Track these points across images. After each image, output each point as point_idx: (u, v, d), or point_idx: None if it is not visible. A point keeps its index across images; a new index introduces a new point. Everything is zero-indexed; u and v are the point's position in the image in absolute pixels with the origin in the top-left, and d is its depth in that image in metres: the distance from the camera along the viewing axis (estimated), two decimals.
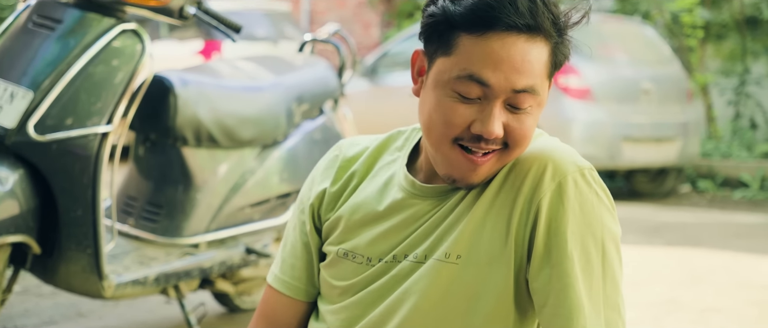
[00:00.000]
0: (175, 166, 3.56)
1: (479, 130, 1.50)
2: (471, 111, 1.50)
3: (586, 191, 1.52)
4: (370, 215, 1.64)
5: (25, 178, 2.99)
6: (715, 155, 9.83)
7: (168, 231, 3.54)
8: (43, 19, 3.09)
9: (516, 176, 1.54)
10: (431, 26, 1.53)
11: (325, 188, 1.71)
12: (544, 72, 1.52)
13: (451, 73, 1.50)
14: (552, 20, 1.50)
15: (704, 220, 7.59)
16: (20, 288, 4.36)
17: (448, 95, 1.51)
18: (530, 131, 1.53)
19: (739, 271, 5.59)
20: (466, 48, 1.49)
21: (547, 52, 1.51)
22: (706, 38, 10.81)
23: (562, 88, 8.39)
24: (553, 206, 1.50)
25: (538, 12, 1.48)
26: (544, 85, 1.53)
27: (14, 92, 2.99)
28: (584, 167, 1.54)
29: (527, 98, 1.50)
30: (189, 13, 3.23)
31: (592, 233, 1.51)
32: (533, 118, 1.53)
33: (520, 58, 1.48)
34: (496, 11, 1.47)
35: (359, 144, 1.74)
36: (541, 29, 1.49)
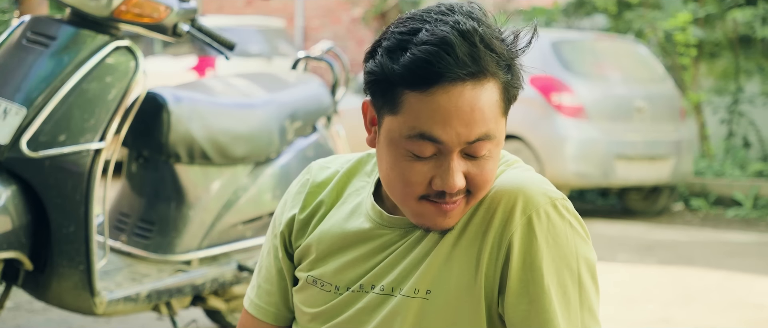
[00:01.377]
0: (168, 182, 3.56)
1: (440, 186, 1.46)
2: (428, 167, 1.46)
3: (559, 223, 1.48)
4: (337, 243, 1.61)
5: (17, 194, 2.99)
6: (708, 174, 9.84)
7: (160, 248, 3.54)
8: (37, 36, 3.10)
9: (486, 211, 1.50)
10: (373, 83, 1.47)
11: (294, 214, 1.67)
12: (498, 113, 1.46)
13: (401, 132, 1.45)
14: (496, 59, 1.44)
15: (697, 238, 7.59)
16: (12, 304, 4.35)
17: (402, 155, 1.46)
18: (492, 174, 1.49)
19: (732, 290, 5.60)
20: (412, 106, 1.43)
21: (498, 91, 1.46)
22: (699, 57, 10.84)
23: (556, 106, 8.41)
24: (526, 241, 1.47)
25: (479, 56, 1.42)
26: (499, 126, 1.47)
27: (7, 108, 2.99)
28: (556, 197, 1.50)
29: (484, 145, 1.45)
30: (183, 30, 3.24)
31: (567, 264, 1.48)
32: (493, 161, 1.48)
33: (469, 109, 1.42)
34: (436, 66, 1.40)
35: (330, 167, 1.69)
36: (486, 72, 1.43)
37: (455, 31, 1.42)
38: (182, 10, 3.23)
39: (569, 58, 8.81)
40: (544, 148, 8.38)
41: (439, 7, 1.47)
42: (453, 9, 1.46)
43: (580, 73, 8.76)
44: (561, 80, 8.50)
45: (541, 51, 8.74)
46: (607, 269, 6.14)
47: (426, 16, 1.45)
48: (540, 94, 8.46)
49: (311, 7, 15.80)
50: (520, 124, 8.51)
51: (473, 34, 1.42)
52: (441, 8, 1.47)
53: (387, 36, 1.47)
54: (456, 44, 1.41)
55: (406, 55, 1.42)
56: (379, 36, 1.49)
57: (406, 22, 1.47)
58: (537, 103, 8.45)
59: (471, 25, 1.43)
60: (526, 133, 8.45)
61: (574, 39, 9.44)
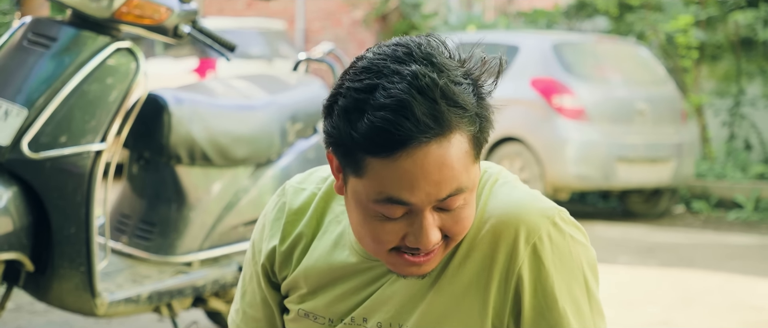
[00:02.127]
0: (169, 184, 3.56)
1: (414, 244, 1.39)
2: (400, 226, 1.39)
3: (561, 241, 1.46)
4: (325, 277, 1.56)
5: (18, 195, 2.99)
6: (709, 176, 9.84)
7: (161, 249, 3.54)
8: (38, 37, 3.10)
9: (486, 246, 1.46)
10: (334, 145, 1.39)
11: (274, 246, 1.60)
12: (468, 162, 1.38)
13: (368, 196, 1.37)
14: (460, 113, 1.35)
15: (698, 241, 7.59)
16: (13, 305, 4.35)
17: (371, 216, 1.39)
18: (469, 221, 1.43)
19: (733, 292, 5.59)
20: (377, 172, 1.35)
21: (467, 141, 1.37)
22: (700, 59, 10.83)
23: (557, 108, 8.41)
24: (535, 270, 1.44)
25: (441, 113, 1.33)
26: (472, 174, 1.40)
27: (8, 110, 2.99)
28: (553, 215, 1.46)
29: (456, 199, 1.38)
30: (184, 31, 3.24)
31: (576, 279, 1.47)
32: (469, 207, 1.42)
33: (436, 170, 1.34)
34: (396, 133, 1.31)
35: (306, 189, 1.60)
36: (451, 128, 1.34)
37: (413, 90, 1.32)
38: (183, 12, 3.23)
39: (570, 60, 8.80)
40: (545, 151, 8.38)
41: (396, 52, 1.37)
42: (411, 52, 1.37)
43: (582, 75, 8.76)
44: (562, 82, 8.50)
45: (542, 53, 8.75)
46: (607, 271, 6.14)
47: (382, 68, 1.35)
48: (541, 97, 8.46)
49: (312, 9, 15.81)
50: (521, 127, 8.51)
51: (433, 89, 1.33)
52: (397, 53, 1.37)
53: (343, 91, 1.37)
54: (415, 106, 1.31)
55: (363, 120, 1.32)
56: (335, 88, 1.40)
57: (361, 74, 1.36)
58: (538, 105, 8.45)
59: (430, 79, 1.33)
60: (527, 136, 8.45)
61: (575, 41, 9.44)
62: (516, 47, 8.90)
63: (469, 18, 13.25)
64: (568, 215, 1.50)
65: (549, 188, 8.35)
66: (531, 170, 8.40)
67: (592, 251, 1.52)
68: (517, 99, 8.58)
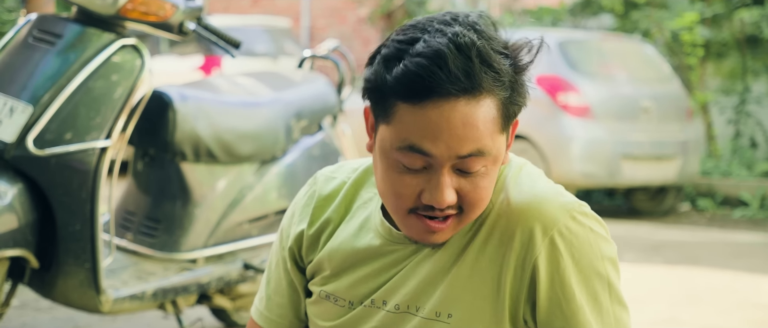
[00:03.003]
0: (174, 181, 3.56)
1: (428, 200, 1.42)
2: (418, 181, 1.42)
3: (581, 234, 1.47)
4: (348, 260, 1.58)
5: (23, 192, 3.00)
6: (714, 174, 9.82)
7: (166, 246, 3.54)
8: (43, 34, 3.10)
9: (503, 233, 1.47)
10: (370, 90, 1.44)
11: (302, 229, 1.63)
12: (495, 129, 1.41)
13: (393, 143, 1.41)
14: (494, 76, 1.39)
15: (704, 239, 7.58)
16: (18, 302, 4.35)
17: (392, 166, 1.43)
18: (486, 192, 1.45)
19: (738, 290, 5.59)
20: (404, 117, 1.39)
21: (496, 107, 1.40)
22: (706, 57, 10.81)
23: (562, 105, 8.40)
24: (552, 263, 1.45)
25: (474, 72, 1.37)
26: (496, 142, 1.42)
27: (14, 106, 2.99)
28: (572, 208, 1.47)
29: (477, 161, 1.41)
30: (189, 28, 3.24)
31: (596, 272, 1.48)
32: (489, 178, 1.44)
33: (460, 125, 1.38)
34: (427, 80, 1.36)
35: (336, 178, 1.65)
36: (481, 89, 1.38)
37: (452, 44, 1.37)
38: (188, 9, 3.23)
39: (576, 57, 8.79)
40: (550, 148, 8.37)
41: (444, 16, 1.44)
42: (458, 18, 1.43)
43: (587, 73, 8.75)
44: (567, 80, 8.49)
45: (547, 51, 8.73)
46: None
47: (428, 26, 1.42)
48: (546, 94, 8.45)
49: (317, 6, 15.81)
50: (526, 124, 8.50)
51: (470, 48, 1.38)
52: (445, 17, 1.43)
53: (387, 43, 1.43)
54: (450, 58, 1.36)
55: (400, 66, 1.38)
56: (383, 41, 1.46)
57: (408, 30, 1.43)
58: (543, 102, 8.44)
59: (469, 39, 1.38)
60: (533, 133, 8.45)
61: (580, 39, 9.42)
62: None
63: None
64: (589, 210, 1.50)
65: None
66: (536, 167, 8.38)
67: (612, 245, 1.52)
68: None
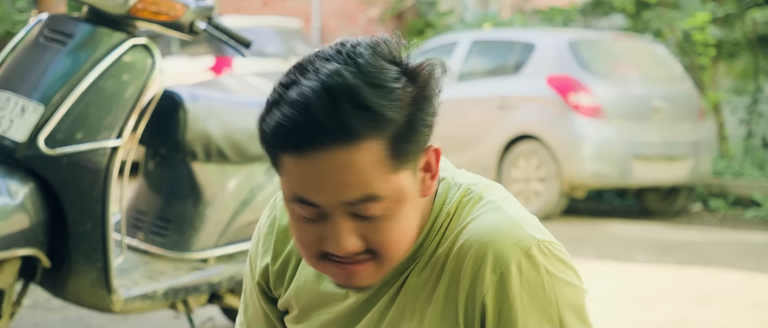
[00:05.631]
0: (185, 181, 3.56)
1: (329, 248, 1.35)
2: (318, 228, 1.35)
3: (533, 275, 1.36)
4: (314, 301, 1.52)
5: (35, 191, 3.00)
6: (726, 174, 9.78)
7: (177, 246, 3.54)
8: (54, 34, 3.11)
9: (456, 267, 1.39)
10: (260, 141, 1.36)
11: (267, 263, 1.56)
12: (384, 171, 1.30)
13: (286, 194, 1.35)
14: (370, 118, 1.28)
15: (715, 239, 7.55)
16: (30, 302, 4.36)
17: (293, 216, 1.37)
18: (397, 234, 1.35)
19: (750, 290, 5.56)
20: (289, 168, 1.32)
21: (379, 149, 1.29)
22: (718, 57, 10.77)
23: (573, 105, 8.38)
24: (499, 301, 1.36)
25: (343, 116, 1.27)
26: (392, 183, 1.31)
27: (25, 106, 3.00)
28: (529, 245, 1.37)
29: (371, 206, 1.31)
30: (199, 28, 3.24)
31: (547, 318, 1.37)
32: (397, 219, 1.34)
33: (341, 173, 1.29)
34: (297, 132, 1.27)
35: None
36: (356, 135, 1.28)
37: (322, 89, 1.27)
38: (199, 8, 3.23)
39: (587, 57, 8.78)
40: (561, 148, 8.35)
41: (331, 49, 1.33)
42: (341, 50, 1.32)
43: (598, 72, 8.73)
44: (578, 80, 8.47)
45: (558, 51, 8.73)
46: (624, 269, 6.12)
47: (308, 63, 1.32)
48: (557, 94, 8.43)
49: (328, 7, 15.81)
50: (537, 124, 8.49)
51: (341, 90, 1.27)
52: (330, 51, 1.33)
53: (275, 84, 1.34)
54: (317, 106, 1.27)
55: (275, 116, 1.30)
56: None
57: (294, 68, 1.33)
58: (554, 102, 8.43)
59: (342, 79, 1.28)
60: (543, 133, 8.43)
61: (591, 39, 9.40)
62: (532, 45, 8.88)
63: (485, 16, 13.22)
64: (556, 249, 1.40)
65: (565, 185, 8.33)
66: (547, 167, 8.38)
67: (578, 290, 1.41)
68: (533, 96, 8.56)
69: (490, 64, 9.36)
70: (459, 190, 1.45)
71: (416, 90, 1.32)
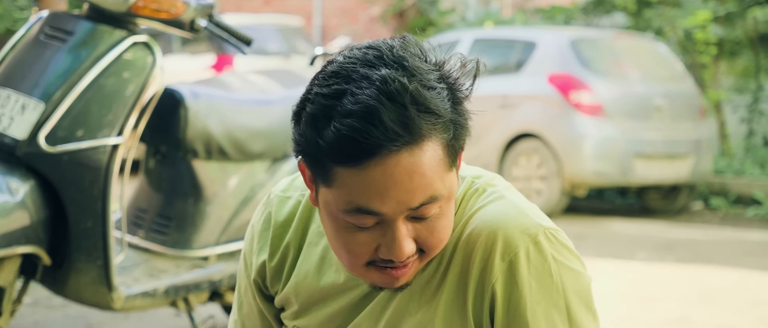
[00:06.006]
0: (186, 178, 3.56)
1: (387, 255, 1.34)
2: (373, 236, 1.34)
3: (540, 262, 1.38)
4: (315, 296, 1.52)
5: (35, 189, 3.00)
6: (727, 173, 9.78)
7: (178, 243, 3.54)
8: (54, 31, 3.11)
9: (464, 257, 1.41)
10: (303, 152, 1.34)
11: (264, 260, 1.55)
12: (443, 170, 1.32)
13: (338, 206, 1.32)
14: (433, 120, 1.29)
15: (716, 237, 7.55)
16: (31, 300, 4.36)
17: (342, 227, 1.34)
18: (446, 232, 1.37)
19: (751, 289, 5.56)
20: (346, 181, 1.30)
21: (440, 149, 1.31)
22: (719, 55, 10.77)
23: (574, 104, 8.38)
24: (508, 289, 1.38)
25: (411, 120, 1.27)
26: (446, 182, 1.33)
27: (25, 104, 3.00)
28: (536, 232, 1.39)
29: (430, 208, 1.32)
30: (200, 25, 3.24)
31: (554, 304, 1.39)
32: (446, 217, 1.36)
33: (407, 178, 1.29)
34: (364, 142, 1.26)
35: (290, 198, 1.55)
36: (422, 136, 1.28)
37: (383, 95, 1.27)
38: (199, 6, 3.23)
39: (588, 56, 8.77)
40: (562, 147, 8.35)
41: (366, 54, 1.32)
42: (382, 55, 1.31)
43: (599, 71, 8.73)
44: (580, 78, 8.47)
45: (559, 49, 8.73)
46: (625, 267, 6.12)
47: (351, 72, 1.30)
48: (558, 93, 8.43)
49: (329, 6, 15.81)
50: (538, 123, 8.49)
51: (403, 94, 1.27)
52: (368, 56, 1.32)
53: (311, 97, 1.32)
54: (383, 113, 1.26)
55: (330, 128, 1.27)
56: (304, 93, 1.35)
57: (330, 79, 1.31)
58: (555, 101, 8.42)
59: (400, 84, 1.28)
60: (545, 132, 8.43)
61: (593, 37, 9.40)
62: (533, 43, 8.88)
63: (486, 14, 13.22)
64: (560, 236, 1.42)
65: (567, 184, 8.33)
66: (548, 166, 8.38)
67: (583, 277, 1.43)
68: (534, 95, 8.56)
69: (491, 62, 9.35)
70: (463, 183, 1.46)
71: (459, 89, 1.35)
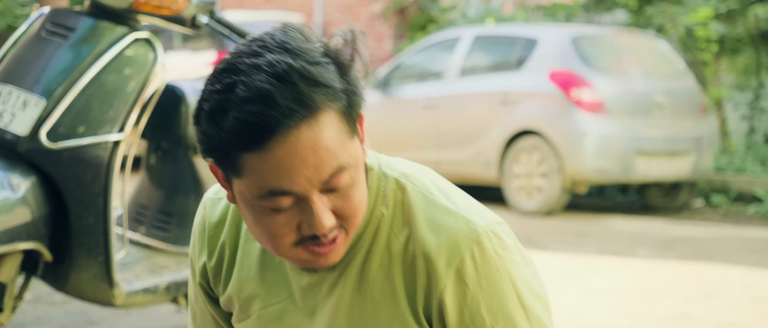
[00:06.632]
0: (187, 175, 3.57)
1: (310, 231, 1.36)
2: (292, 216, 1.36)
3: (485, 261, 1.42)
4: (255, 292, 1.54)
5: (37, 185, 3.00)
6: (728, 170, 9.78)
7: (179, 240, 3.54)
8: (56, 28, 3.11)
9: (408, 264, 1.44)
10: (209, 150, 1.36)
11: (204, 262, 1.58)
12: (344, 138, 1.35)
13: (252, 193, 1.34)
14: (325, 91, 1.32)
15: (717, 234, 7.55)
16: (32, 296, 4.36)
17: (261, 213, 1.36)
18: (360, 199, 1.40)
19: (752, 286, 5.56)
20: (253, 167, 1.32)
21: (337, 118, 1.34)
22: (720, 52, 10.77)
23: (575, 101, 8.38)
24: (459, 294, 1.41)
25: (303, 94, 1.30)
26: (350, 150, 1.36)
27: (27, 100, 3.00)
28: (479, 233, 1.42)
29: (341, 177, 1.35)
30: (201, 22, 3.24)
31: (506, 296, 1.43)
32: (358, 185, 1.38)
33: (311, 152, 1.32)
34: (262, 123, 1.29)
35: (221, 199, 1.57)
36: (317, 108, 1.32)
37: (272, 78, 1.30)
38: (201, 2, 3.23)
39: (589, 53, 8.77)
40: (563, 144, 8.35)
41: (251, 47, 1.35)
42: (265, 44, 1.34)
43: (600, 68, 8.72)
44: (581, 75, 8.47)
45: (560, 46, 8.72)
46: (626, 264, 6.12)
47: (239, 64, 1.33)
48: (559, 90, 8.43)
49: (330, 2, 15.81)
50: (539, 120, 8.49)
51: (291, 73, 1.31)
52: (252, 48, 1.35)
53: (206, 96, 1.34)
54: (276, 93, 1.29)
55: (228, 118, 1.30)
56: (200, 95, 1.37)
57: (220, 75, 1.34)
58: (556, 98, 8.42)
59: (286, 65, 1.31)
60: (545, 129, 8.43)
61: (594, 34, 9.40)
62: (534, 40, 8.88)
63: (487, 11, 13.22)
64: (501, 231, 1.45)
65: (568, 181, 8.33)
66: (549, 163, 8.38)
67: (527, 267, 1.47)
68: (535, 92, 8.56)
69: (492, 59, 9.36)
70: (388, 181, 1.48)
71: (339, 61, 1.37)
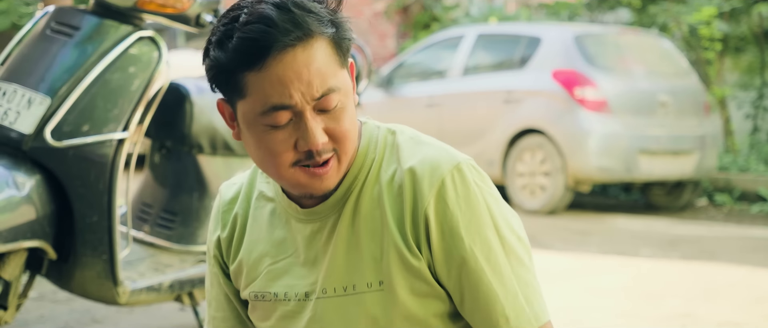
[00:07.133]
0: (191, 173, 3.57)
1: (305, 146, 1.53)
2: (289, 132, 1.54)
3: (464, 187, 1.57)
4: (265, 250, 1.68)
5: (41, 183, 3.01)
6: (732, 169, 9.78)
7: (183, 238, 3.55)
8: (60, 26, 3.11)
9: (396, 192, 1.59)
10: (216, 76, 1.56)
11: (218, 235, 1.74)
12: (335, 65, 1.55)
13: (254, 111, 1.53)
14: (317, 18, 1.53)
15: (721, 233, 7.55)
16: (36, 294, 4.37)
17: (262, 132, 1.54)
18: (350, 125, 1.57)
19: (756, 285, 5.56)
20: (255, 84, 1.52)
21: (328, 46, 1.54)
22: (724, 51, 10.76)
23: (579, 100, 8.37)
24: (440, 211, 1.56)
25: (298, 19, 1.51)
26: (340, 78, 1.55)
27: (32, 98, 3.00)
28: (459, 162, 1.58)
29: (332, 98, 1.54)
30: (205, 20, 3.25)
31: (483, 222, 1.57)
32: (347, 112, 1.57)
33: (305, 70, 1.51)
34: (262, 41, 1.49)
35: (236, 183, 1.76)
36: (311, 32, 1.52)
37: (271, 6, 1.51)
38: (205, 1, 3.24)
39: (593, 52, 8.77)
40: (566, 143, 8.35)
41: None
42: None
43: (604, 67, 8.72)
44: (584, 74, 8.47)
45: (564, 45, 8.72)
46: (629, 263, 6.12)
47: (243, 3, 1.54)
48: (563, 88, 8.43)
49: None
50: (542, 118, 8.49)
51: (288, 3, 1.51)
52: None
53: (214, 31, 1.55)
54: (275, 17, 1.49)
55: (233, 40, 1.51)
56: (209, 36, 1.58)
57: (227, 14, 1.55)
58: (560, 97, 8.42)
59: None
60: (549, 128, 8.43)
61: (597, 33, 9.39)
62: (538, 39, 8.88)
63: (490, 9, 13.21)
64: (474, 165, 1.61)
65: (571, 180, 8.33)
66: (553, 161, 8.38)
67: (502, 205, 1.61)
68: (538, 91, 8.56)
69: (495, 58, 9.35)
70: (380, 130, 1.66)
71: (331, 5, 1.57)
